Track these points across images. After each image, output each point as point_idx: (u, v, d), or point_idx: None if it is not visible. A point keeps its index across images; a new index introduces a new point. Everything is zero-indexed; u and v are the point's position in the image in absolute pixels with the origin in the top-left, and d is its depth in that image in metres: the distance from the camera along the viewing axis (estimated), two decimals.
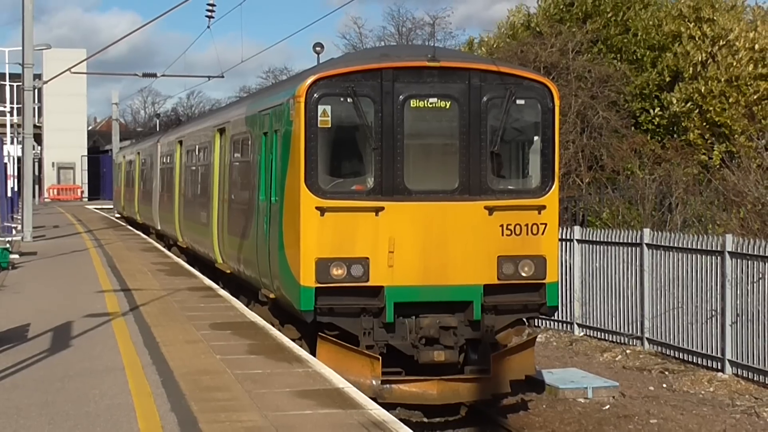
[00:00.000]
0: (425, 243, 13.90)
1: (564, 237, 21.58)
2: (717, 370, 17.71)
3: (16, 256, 27.75)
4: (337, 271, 13.75)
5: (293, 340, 14.33)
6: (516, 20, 37.00)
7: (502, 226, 14.09)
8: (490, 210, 14.04)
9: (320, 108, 13.86)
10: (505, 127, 14.26)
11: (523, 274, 14.17)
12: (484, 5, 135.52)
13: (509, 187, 14.60)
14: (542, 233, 14.25)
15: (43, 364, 12.83)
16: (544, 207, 14.28)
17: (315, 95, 13.88)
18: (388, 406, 12.02)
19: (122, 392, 11.01)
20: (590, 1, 33.83)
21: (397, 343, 14.01)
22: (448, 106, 14.18)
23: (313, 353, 13.59)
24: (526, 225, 14.16)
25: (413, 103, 14.06)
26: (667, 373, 18.16)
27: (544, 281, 14.27)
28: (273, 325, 15.49)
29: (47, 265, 26.56)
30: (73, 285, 21.32)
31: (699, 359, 18.27)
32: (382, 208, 13.83)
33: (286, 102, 14.61)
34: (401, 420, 9.96)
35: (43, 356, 13.28)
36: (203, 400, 10.58)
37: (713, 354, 17.92)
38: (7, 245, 27.90)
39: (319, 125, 13.88)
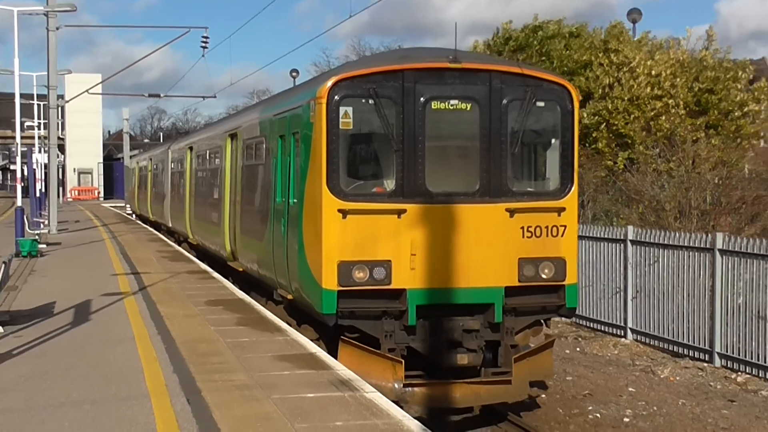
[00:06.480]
0: (447, 245, 11.67)
1: None
2: (620, 337, 17.88)
3: (44, 246, 27.58)
4: (360, 274, 11.46)
5: (312, 340, 12.33)
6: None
7: (522, 228, 11.92)
8: (511, 212, 11.86)
9: (342, 109, 11.59)
10: (525, 129, 12.09)
11: (544, 276, 11.98)
12: (459, 38, 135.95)
13: (529, 189, 12.43)
14: (562, 235, 12.08)
15: (67, 335, 12.78)
16: (563, 209, 12.10)
17: (336, 97, 11.57)
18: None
19: (133, 358, 11.00)
20: (522, 37, 33.99)
21: (418, 345, 11.78)
22: (469, 108, 11.93)
23: (330, 353, 11.57)
24: (546, 227, 12.02)
25: (434, 104, 11.81)
26: (580, 339, 18.31)
27: (563, 283, 12.06)
28: (290, 325, 13.40)
29: (70, 253, 26.38)
30: (92, 269, 21.20)
31: (606, 328, 18.44)
32: (405, 211, 11.54)
33: (306, 104, 12.32)
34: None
35: (66, 329, 13.22)
36: (200, 363, 10.57)
37: (617, 323, 18.09)
38: (37, 237, 27.76)
39: (340, 127, 11.58)
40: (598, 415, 13.18)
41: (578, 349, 17.60)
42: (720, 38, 56.67)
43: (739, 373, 14.77)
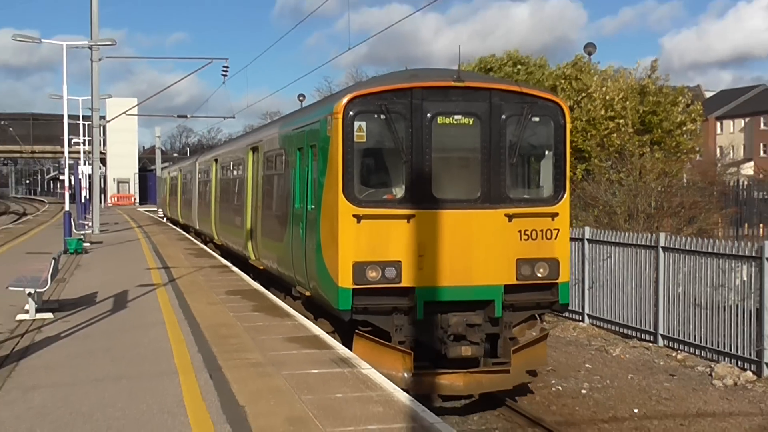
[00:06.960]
0: (452, 247, 11.06)
1: None
2: (579, 321, 17.87)
3: (88, 244, 27.52)
4: (373, 274, 10.88)
5: (328, 333, 11.76)
6: None
7: (520, 231, 11.34)
8: (510, 217, 11.30)
9: (356, 124, 11.04)
10: (522, 142, 11.51)
11: (539, 275, 11.40)
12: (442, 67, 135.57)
13: (525, 196, 11.77)
14: (555, 238, 11.49)
15: (107, 320, 12.76)
16: (557, 214, 11.52)
17: (351, 112, 11.02)
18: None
19: (163, 340, 10.99)
20: (507, 68, 33.88)
21: (426, 338, 11.24)
22: (471, 123, 11.39)
23: (345, 344, 11.01)
24: (542, 230, 11.44)
25: (440, 119, 11.24)
26: (545, 323, 18.26)
27: (557, 281, 11.50)
28: (308, 318, 12.83)
29: (110, 250, 26.31)
30: (128, 264, 21.15)
31: (567, 313, 18.39)
32: (413, 216, 10.96)
33: (323, 119, 11.73)
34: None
35: (106, 315, 13.20)
36: (221, 344, 10.57)
37: (576, 310, 18.07)
38: (82, 237, 27.69)
39: (354, 140, 11.03)
40: (560, 387, 13.19)
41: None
42: (664, 69, 56.94)
43: (679, 351, 14.80)
